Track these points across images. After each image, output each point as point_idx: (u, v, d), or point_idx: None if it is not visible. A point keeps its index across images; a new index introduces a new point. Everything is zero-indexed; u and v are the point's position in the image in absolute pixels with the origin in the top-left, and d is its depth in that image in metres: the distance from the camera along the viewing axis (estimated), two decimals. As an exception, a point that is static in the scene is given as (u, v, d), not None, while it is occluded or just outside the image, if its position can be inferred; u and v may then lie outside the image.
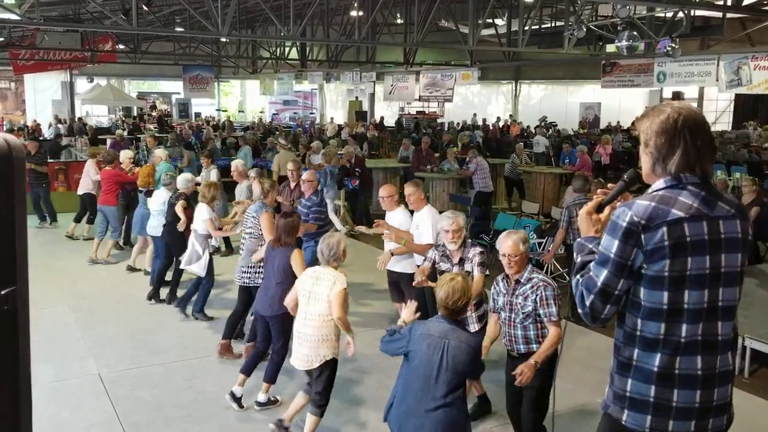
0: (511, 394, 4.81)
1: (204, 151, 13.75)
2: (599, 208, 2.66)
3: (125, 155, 11.60)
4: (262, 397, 5.82)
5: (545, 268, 9.68)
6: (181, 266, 8.14)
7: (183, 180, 8.91)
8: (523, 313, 4.57)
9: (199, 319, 8.01)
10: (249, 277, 6.78)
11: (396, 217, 6.89)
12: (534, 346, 4.58)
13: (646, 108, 2.56)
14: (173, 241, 8.53)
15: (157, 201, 9.17)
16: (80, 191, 12.05)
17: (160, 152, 11.74)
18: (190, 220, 8.17)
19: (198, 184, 9.23)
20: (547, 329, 4.57)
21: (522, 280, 4.61)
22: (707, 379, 2.45)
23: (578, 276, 2.56)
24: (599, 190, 2.70)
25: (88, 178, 11.89)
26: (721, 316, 2.46)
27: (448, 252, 5.48)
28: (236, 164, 10.52)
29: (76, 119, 30.36)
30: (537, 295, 4.51)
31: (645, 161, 2.51)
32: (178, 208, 8.30)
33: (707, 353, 2.45)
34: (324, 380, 5.04)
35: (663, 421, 2.47)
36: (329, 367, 5.03)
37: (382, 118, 33.26)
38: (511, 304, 4.63)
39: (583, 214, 2.67)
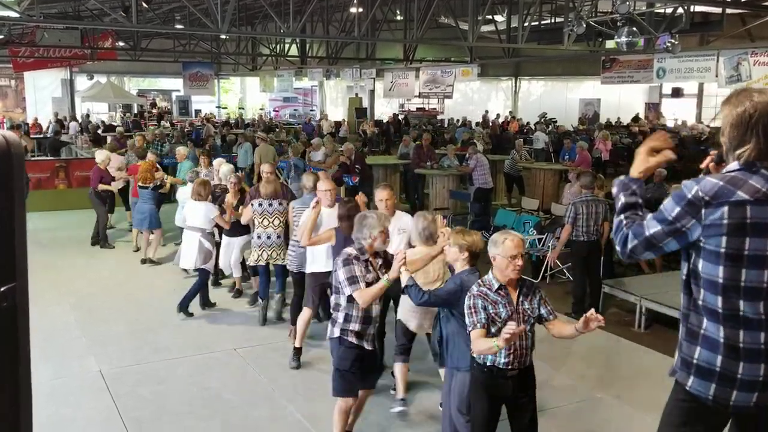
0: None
1: (203, 149, 13.82)
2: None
3: (103, 155, 11.60)
4: None
5: (546, 265, 9.70)
6: (195, 266, 8.14)
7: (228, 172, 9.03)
8: (533, 318, 4.09)
9: (185, 315, 8.01)
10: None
11: (332, 214, 6.44)
12: (530, 357, 4.14)
13: (732, 92, 2.62)
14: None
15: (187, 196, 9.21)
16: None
17: (183, 150, 12.28)
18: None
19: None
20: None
21: (526, 283, 4.18)
22: None
23: (622, 216, 2.67)
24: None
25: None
26: None
27: (370, 260, 4.82)
28: (224, 172, 10.28)
29: (84, 116, 30.40)
30: (538, 296, 4.14)
31: (723, 145, 2.61)
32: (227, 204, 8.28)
33: None
34: None
35: (727, 391, 2.55)
36: None
37: (395, 115, 33.20)
38: (519, 312, 4.04)
39: (642, 151, 2.72)
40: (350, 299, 4.71)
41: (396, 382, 5.73)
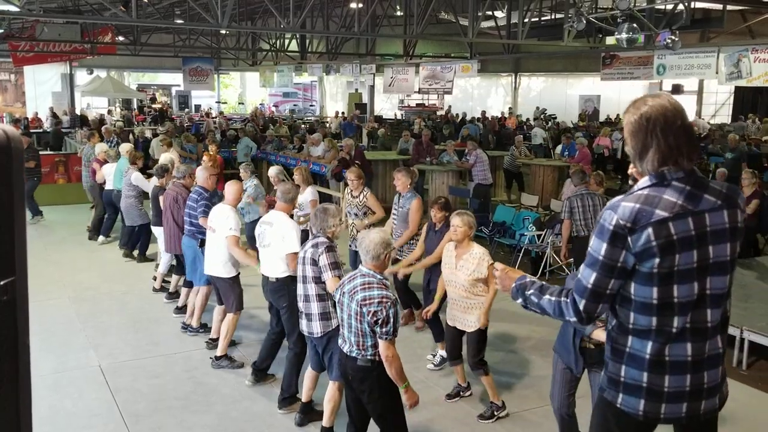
0: None
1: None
2: None
3: (100, 148, 11.55)
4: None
5: (545, 261, 9.72)
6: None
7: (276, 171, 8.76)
8: None
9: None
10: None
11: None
12: None
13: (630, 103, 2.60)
14: None
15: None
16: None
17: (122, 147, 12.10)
18: None
19: None
20: None
21: None
22: (696, 363, 2.52)
23: (546, 297, 2.65)
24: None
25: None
26: (710, 303, 2.51)
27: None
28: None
29: (82, 110, 30.32)
30: None
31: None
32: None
33: (697, 340, 2.51)
34: None
35: (656, 405, 2.55)
36: None
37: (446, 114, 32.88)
38: None
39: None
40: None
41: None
